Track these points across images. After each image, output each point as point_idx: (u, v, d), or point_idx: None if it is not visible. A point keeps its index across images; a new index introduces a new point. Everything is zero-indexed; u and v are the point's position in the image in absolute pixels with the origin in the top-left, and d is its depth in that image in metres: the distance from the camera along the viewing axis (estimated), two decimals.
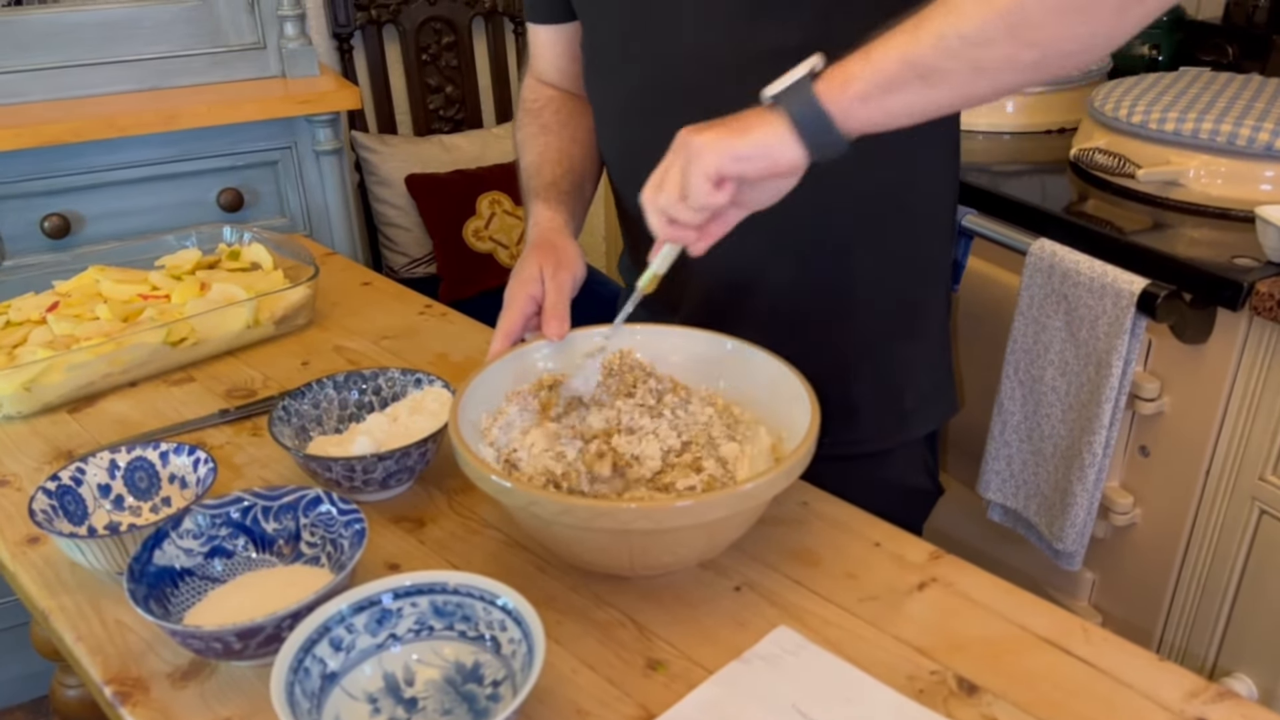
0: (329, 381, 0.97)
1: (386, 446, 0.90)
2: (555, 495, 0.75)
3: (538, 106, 1.10)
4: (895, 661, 0.73)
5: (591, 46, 1.02)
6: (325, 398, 0.97)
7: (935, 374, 1.07)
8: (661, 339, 0.92)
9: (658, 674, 0.73)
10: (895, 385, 1.03)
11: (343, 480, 0.87)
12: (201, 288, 1.21)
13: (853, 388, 1.00)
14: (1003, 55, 0.66)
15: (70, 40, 1.71)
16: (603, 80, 1.01)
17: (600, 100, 1.04)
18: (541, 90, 1.12)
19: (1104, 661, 0.72)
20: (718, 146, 0.71)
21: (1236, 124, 1.37)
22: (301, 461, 0.88)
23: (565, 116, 1.08)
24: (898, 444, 1.05)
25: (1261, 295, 1.20)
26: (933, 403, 1.07)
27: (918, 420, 1.06)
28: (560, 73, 1.10)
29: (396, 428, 0.94)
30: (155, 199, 1.75)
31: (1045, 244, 1.36)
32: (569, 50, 1.08)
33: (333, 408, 0.97)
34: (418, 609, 0.71)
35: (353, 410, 0.98)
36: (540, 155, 1.05)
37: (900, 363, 1.03)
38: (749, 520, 0.79)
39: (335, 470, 0.86)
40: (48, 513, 0.84)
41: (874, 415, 1.02)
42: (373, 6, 2.19)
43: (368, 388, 0.98)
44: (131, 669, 0.74)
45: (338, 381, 0.98)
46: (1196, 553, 1.37)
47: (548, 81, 1.12)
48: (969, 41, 0.65)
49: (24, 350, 1.08)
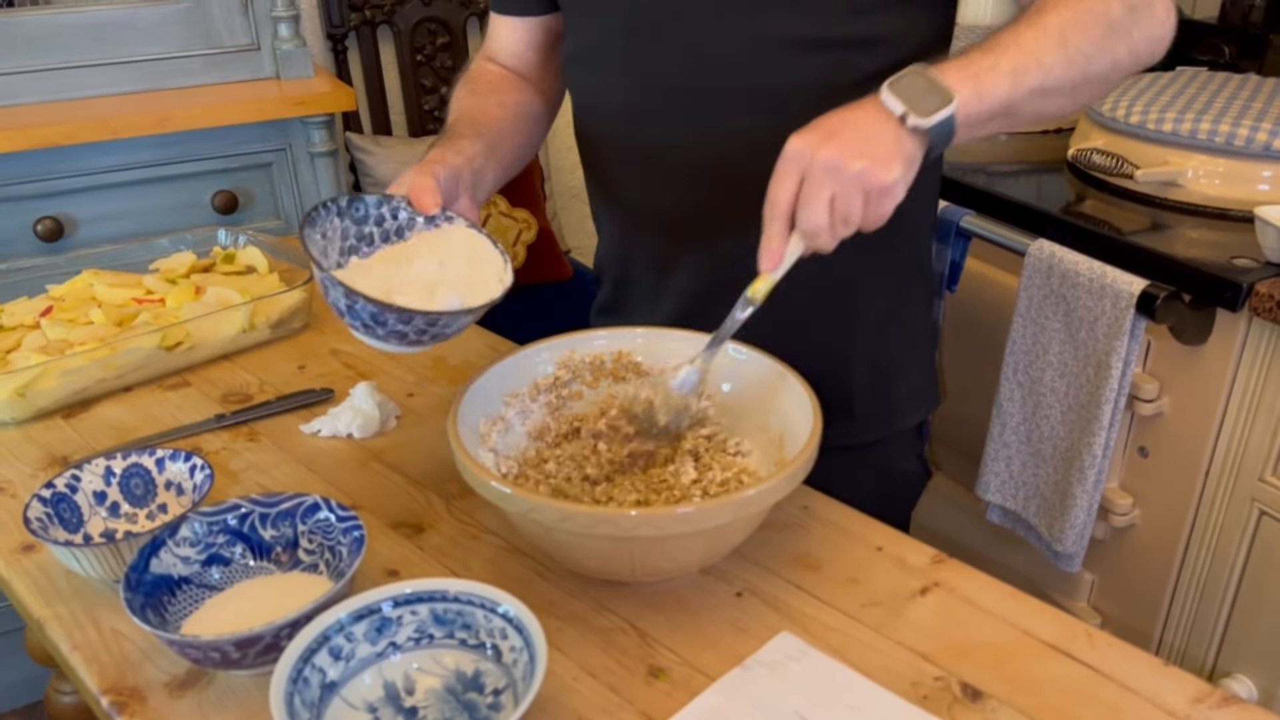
0: (333, 207, 0.85)
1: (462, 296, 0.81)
2: (555, 501, 0.75)
3: (471, 77, 1.08)
4: (899, 667, 0.73)
5: (582, 43, 1.01)
6: (331, 226, 0.85)
7: (921, 367, 1.09)
8: (662, 342, 0.92)
9: (660, 681, 0.72)
10: (885, 380, 1.04)
11: (418, 331, 0.78)
12: (196, 291, 1.20)
13: (843, 383, 1.01)
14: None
15: (63, 42, 1.70)
16: (598, 76, 1.00)
17: (594, 94, 1.03)
18: (484, 65, 1.10)
19: (1108, 666, 0.72)
20: (877, 178, 0.72)
21: (1234, 124, 1.36)
22: (378, 310, 0.77)
23: (497, 83, 1.07)
24: (889, 434, 1.07)
25: (1261, 296, 1.20)
26: (921, 395, 1.09)
27: (909, 412, 1.08)
28: (515, 58, 1.10)
29: (446, 271, 0.85)
30: (149, 201, 1.74)
31: (1044, 245, 1.36)
32: (529, 39, 1.08)
33: (335, 238, 0.85)
34: (418, 617, 0.70)
35: (352, 243, 0.86)
36: (460, 113, 1.01)
37: (890, 358, 1.04)
38: (750, 526, 0.78)
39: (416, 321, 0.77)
40: (43, 520, 0.83)
41: (866, 409, 1.03)
42: (367, 7, 2.18)
43: (370, 216, 0.87)
44: (128, 678, 0.74)
45: (341, 208, 0.85)
46: (1196, 554, 1.37)
47: (499, 62, 1.11)
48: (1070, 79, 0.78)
49: (18, 355, 1.07)
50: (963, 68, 0.75)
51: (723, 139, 0.92)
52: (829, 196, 0.73)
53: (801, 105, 0.89)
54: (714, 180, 0.95)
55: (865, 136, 0.73)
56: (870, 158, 0.72)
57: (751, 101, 0.91)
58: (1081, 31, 0.77)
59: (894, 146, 0.73)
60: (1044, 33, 0.77)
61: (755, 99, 0.91)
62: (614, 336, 0.92)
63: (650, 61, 0.94)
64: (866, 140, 0.73)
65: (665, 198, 0.99)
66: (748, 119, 0.91)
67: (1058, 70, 0.77)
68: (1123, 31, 0.79)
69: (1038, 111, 0.79)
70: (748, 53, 0.89)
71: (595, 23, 0.98)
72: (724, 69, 0.90)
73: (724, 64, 0.90)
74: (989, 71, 0.75)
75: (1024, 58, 0.76)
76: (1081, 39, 0.77)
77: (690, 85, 0.92)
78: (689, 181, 0.96)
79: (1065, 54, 0.77)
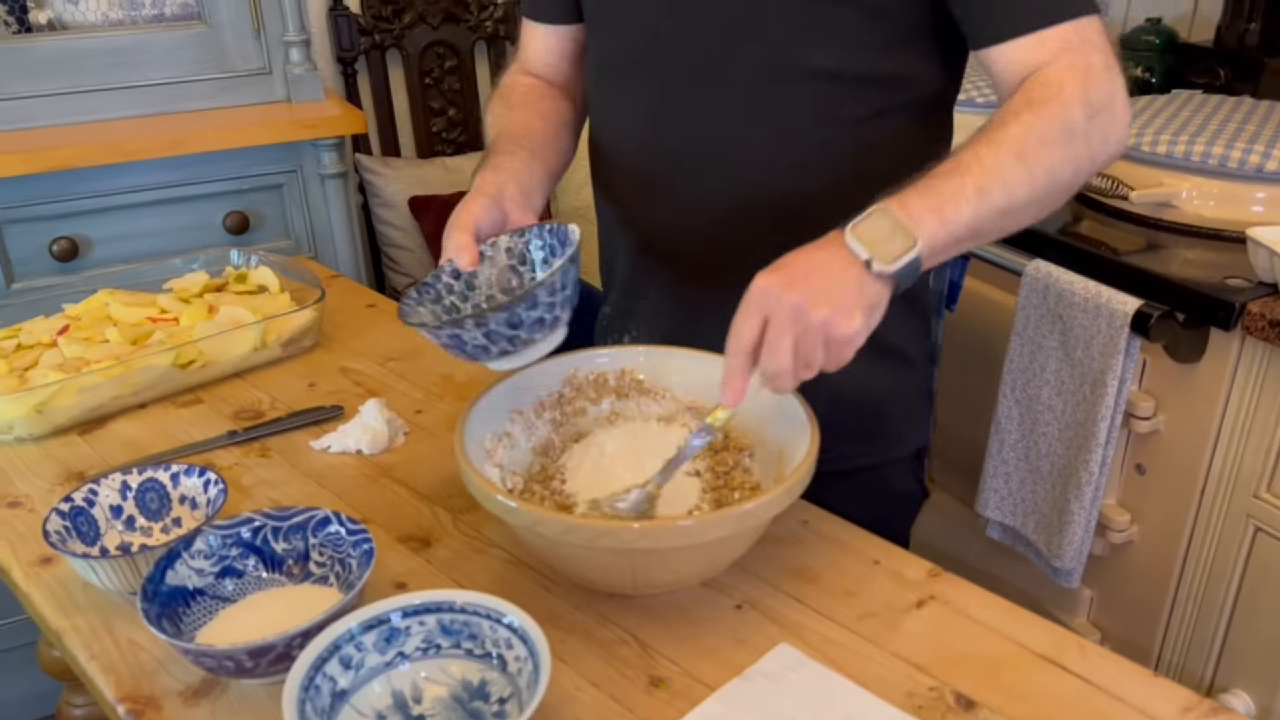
0: (410, 302, 0.87)
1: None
2: (559, 515, 0.77)
3: (507, 90, 1.10)
4: (894, 678, 0.74)
5: (603, 57, 1.03)
6: (418, 315, 0.87)
7: (919, 396, 1.09)
8: (664, 360, 0.94)
9: (660, 691, 0.74)
10: (879, 406, 1.04)
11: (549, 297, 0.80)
12: (209, 310, 1.22)
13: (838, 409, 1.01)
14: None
15: (79, 66, 1.74)
16: (617, 91, 1.02)
17: (612, 109, 1.04)
18: (518, 78, 1.12)
19: (1099, 677, 0.74)
20: (839, 329, 0.73)
21: (1228, 146, 1.39)
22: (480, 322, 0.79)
23: (533, 97, 1.08)
24: (886, 460, 1.08)
25: (1253, 315, 1.21)
26: (922, 422, 1.10)
27: (906, 439, 1.08)
28: (549, 68, 1.11)
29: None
30: (162, 222, 1.77)
31: (1040, 265, 1.38)
32: (562, 49, 1.10)
33: (430, 320, 0.87)
34: (425, 627, 0.72)
35: (445, 317, 0.88)
36: (500, 130, 1.03)
37: (885, 383, 1.04)
38: (750, 539, 0.80)
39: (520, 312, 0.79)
40: (61, 533, 0.85)
41: (861, 434, 1.04)
42: (376, 31, 2.22)
43: (440, 291, 0.90)
44: (144, 687, 0.76)
45: (415, 297, 0.88)
46: (1193, 570, 1.38)
47: (533, 73, 1.13)
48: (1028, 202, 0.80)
49: (35, 373, 1.10)
50: (926, 196, 0.76)
51: (738, 161, 0.94)
52: (791, 342, 0.73)
53: (816, 134, 0.92)
54: (727, 200, 0.96)
55: (830, 284, 0.73)
56: (834, 306, 0.73)
57: (766, 126, 0.92)
58: (1042, 145, 0.78)
59: (857, 294, 0.74)
60: (1004, 151, 0.77)
61: (770, 124, 0.92)
62: (617, 355, 0.95)
63: (668, 80, 0.95)
64: (831, 289, 0.73)
65: (676, 215, 1.00)
66: (763, 143, 0.93)
67: (1021, 189, 0.78)
68: (1082, 138, 0.80)
69: (1003, 229, 0.80)
70: (763, 78, 0.91)
71: (616, 39, 1.00)
72: (740, 92, 0.92)
73: (740, 87, 0.92)
74: (952, 199, 0.76)
75: (986, 178, 0.77)
76: (1043, 153, 0.78)
77: (706, 106, 0.93)
78: (702, 200, 0.97)
79: (1028, 171, 0.78)
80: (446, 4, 2.26)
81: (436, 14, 2.26)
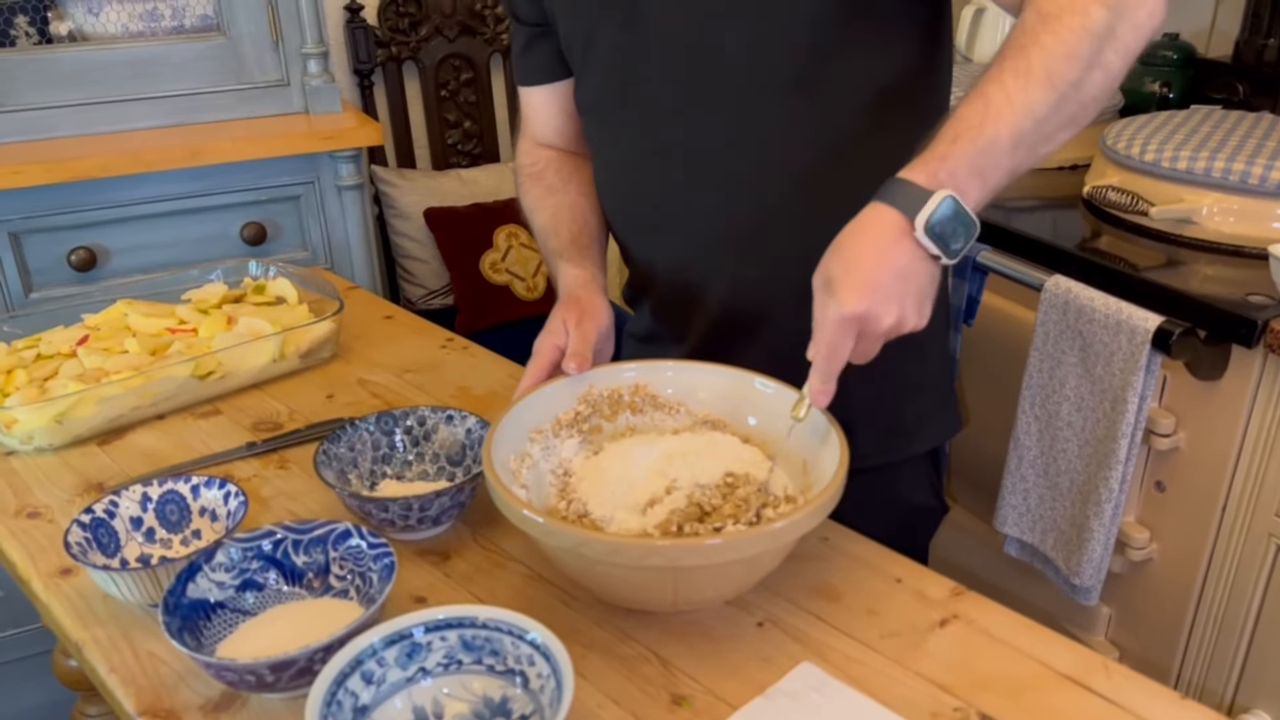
0: (361, 424, 0.98)
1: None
2: (605, 536, 0.76)
3: (538, 169, 1.12)
4: (918, 698, 0.74)
5: (588, 95, 1.04)
6: (359, 439, 0.98)
7: (936, 391, 1.09)
8: (691, 375, 0.94)
9: (682, 709, 0.73)
10: (894, 401, 1.04)
11: (398, 519, 0.88)
12: (228, 322, 1.23)
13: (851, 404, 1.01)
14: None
15: (98, 77, 1.75)
16: (602, 126, 1.04)
17: (601, 145, 1.06)
18: (539, 152, 1.14)
19: (1125, 699, 0.73)
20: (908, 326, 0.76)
21: (1249, 163, 1.38)
22: (356, 504, 0.89)
23: (567, 174, 1.11)
24: (901, 460, 1.07)
25: (1275, 333, 1.21)
26: (934, 420, 1.09)
27: (920, 437, 1.08)
28: (557, 132, 1.13)
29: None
30: (180, 233, 1.78)
31: (1060, 280, 1.37)
32: (564, 107, 1.10)
33: (366, 449, 0.98)
34: (447, 643, 0.72)
35: (385, 451, 0.99)
36: (553, 216, 1.07)
37: (899, 380, 1.03)
38: (784, 554, 0.80)
39: (392, 510, 0.88)
40: (82, 545, 0.85)
41: (874, 431, 1.03)
42: (393, 44, 2.23)
43: (398, 428, 1.00)
44: (164, 700, 0.76)
45: (369, 424, 0.99)
46: (1213, 588, 1.37)
47: (545, 143, 1.14)
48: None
49: (55, 383, 1.10)
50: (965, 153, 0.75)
51: (727, 183, 0.95)
52: (869, 350, 0.77)
53: (796, 146, 0.92)
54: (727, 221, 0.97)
55: (907, 288, 0.75)
56: (920, 314, 0.76)
57: (749, 144, 0.94)
58: (1066, 60, 0.74)
59: (930, 292, 0.77)
60: (1030, 79, 0.74)
61: (751, 141, 0.93)
62: (643, 370, 0.94)
63: (648, 110, 0.97)
64: (908, 294, 0.75)
65: (677, 241, 1.01)
66: (746, 162, 0.94)
67: (1052, 116, 0.75)
68: (1107, 36, 0.74)
69: (1042, 156, 0.79)
70: (738, 97, 0.92)
71: (596, 74, 1.01)
72: (719, 114, 0.93)
73: (718, 109, 0.93)
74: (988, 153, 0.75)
75: (1016, 117, 0.74)
76: (1067, 69, 0.74)
77: (687, 132, 0.95)
78: (701, 223, 0.99)
79: (1056, 94, 0.74)
80: (463, 16, 2.27)
81: (453, 27, 2.27)
